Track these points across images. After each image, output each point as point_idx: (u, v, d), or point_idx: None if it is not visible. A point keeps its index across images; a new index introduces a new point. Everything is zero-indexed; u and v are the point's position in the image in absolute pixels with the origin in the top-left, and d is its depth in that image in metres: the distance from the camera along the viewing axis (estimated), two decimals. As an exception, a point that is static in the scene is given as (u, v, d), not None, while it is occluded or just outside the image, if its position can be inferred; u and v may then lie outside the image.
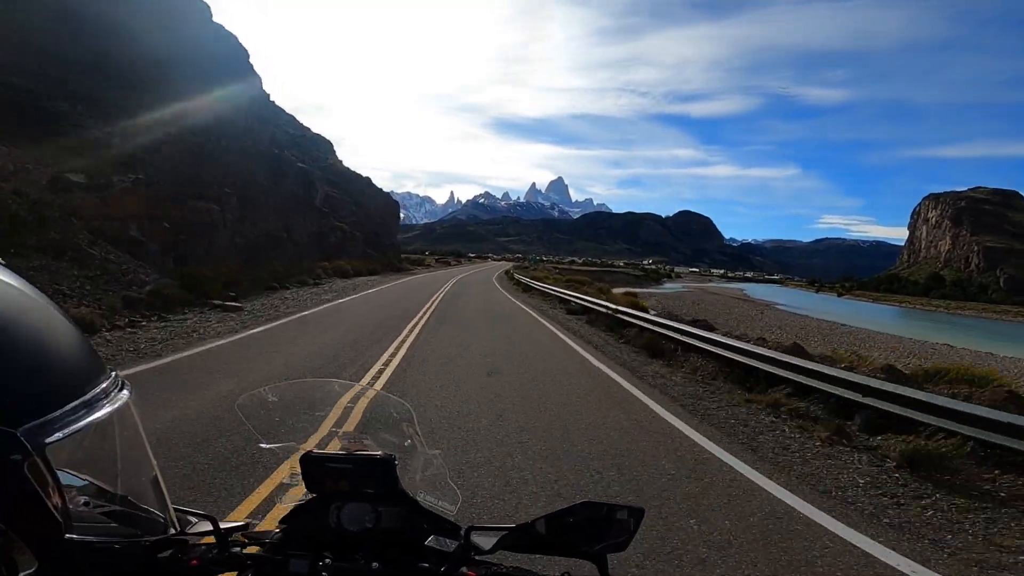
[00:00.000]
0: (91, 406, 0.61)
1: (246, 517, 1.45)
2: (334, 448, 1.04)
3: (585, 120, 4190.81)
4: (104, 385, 0.64)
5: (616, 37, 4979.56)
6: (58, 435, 0.55)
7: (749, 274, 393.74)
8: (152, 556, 0.80)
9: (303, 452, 1.00)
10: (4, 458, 0.51)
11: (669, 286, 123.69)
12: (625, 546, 0.89)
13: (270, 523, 1.10)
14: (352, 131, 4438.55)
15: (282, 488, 3.27)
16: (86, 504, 0.59)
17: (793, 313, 61.83)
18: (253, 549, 0.95)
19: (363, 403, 1.34)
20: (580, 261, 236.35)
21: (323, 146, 58.14)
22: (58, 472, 0.54)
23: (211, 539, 0.91)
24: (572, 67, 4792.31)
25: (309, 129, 60.44)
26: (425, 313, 16.54)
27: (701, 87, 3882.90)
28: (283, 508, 1.03)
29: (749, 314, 54.03)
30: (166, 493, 0.74)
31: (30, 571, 0.52)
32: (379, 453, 1.00)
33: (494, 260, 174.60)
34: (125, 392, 0.67)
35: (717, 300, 73.41)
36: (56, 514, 0.54)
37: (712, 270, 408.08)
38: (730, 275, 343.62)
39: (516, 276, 40.60)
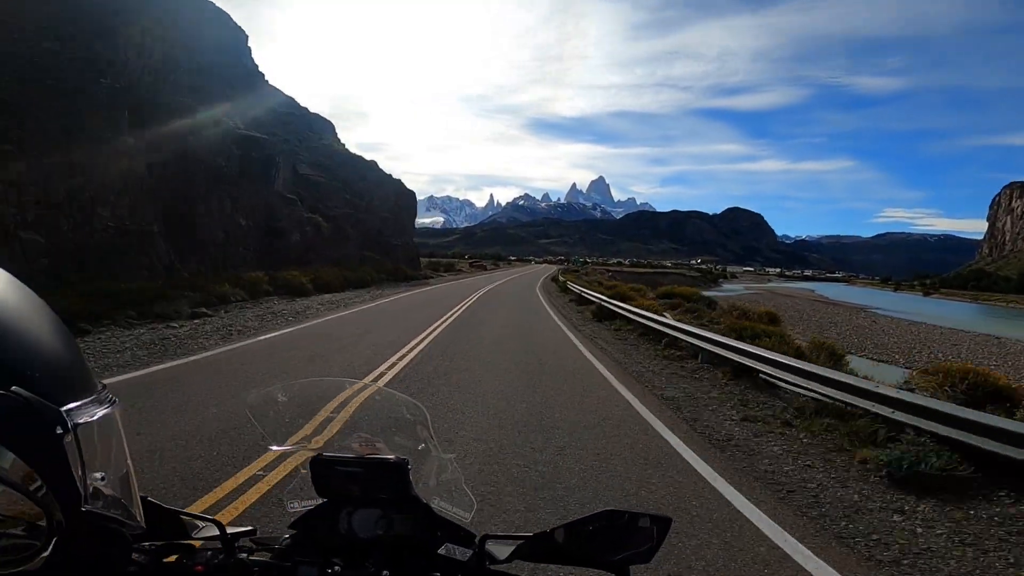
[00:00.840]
0: (102, 402, 0.67)
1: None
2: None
3: (625, 117, 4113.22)
4: (102, 386, 0.71)
5: (653, 31, 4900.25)
6: (86, 419, 0.62)
7: (808, 272, 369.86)
8: (157, 560, 0.82)
9: (313, 455, 0.96)
10: (51, 431, 0.58)
11: (728, 287, 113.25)
12: (650, 557, 0.83)
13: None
14: (392, 137, 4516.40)
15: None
16: (102, 479, 0.66)
17: (910, 320, 48.48)
18: (261, 555, 0.91)
19: (360, 398, 1.13)
20: (627, 263, 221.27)
21: (319, 125, 46.41)
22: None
23: (217, 544, 0.89)
24: (609, 64, 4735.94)
25: (307, 109, 49.11)
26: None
27: (745, 79, 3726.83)
28: (292, 512, 1.00)
29: (860, 325, 41.18)
30: (135, 490, 0.74)
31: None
32: (392, 457, 0.95)
33: (536, 263, 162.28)
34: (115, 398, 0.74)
35: (797, 304, 59.88)
36: (80, 487, 0.61)
37: (767, 269, 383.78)
38: (787, 274, 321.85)
39: (569, 286, 27.56)
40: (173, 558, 0.84)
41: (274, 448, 1.03)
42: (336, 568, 0.88)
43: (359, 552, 0.91)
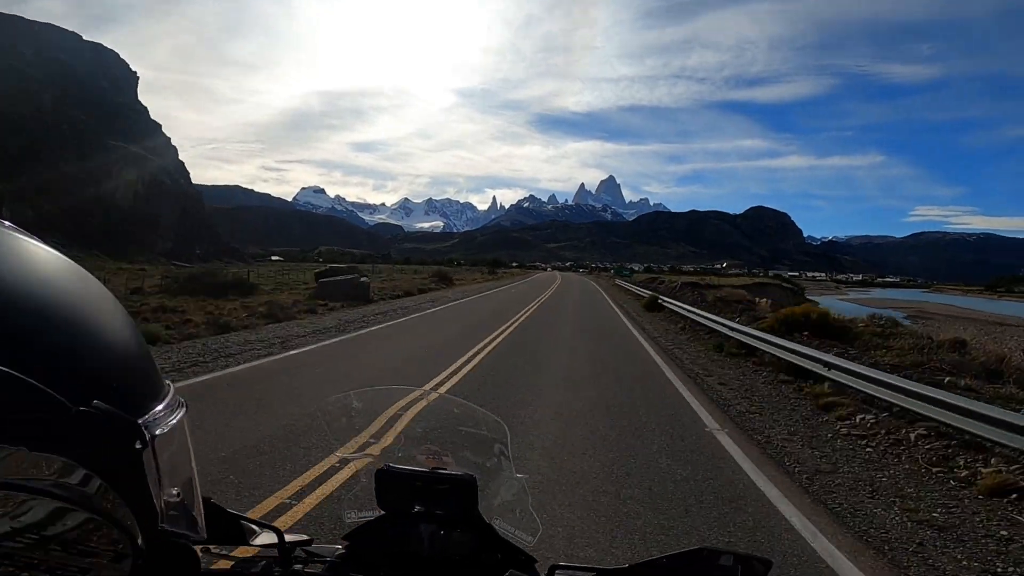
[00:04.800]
0: (172, 406, 0.61)
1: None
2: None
3: (637, 112, 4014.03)
4: (169, 386, 0.65)
5: (667, 19, 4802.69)
6: (162, 429, 0.56)
7: (856, 277, 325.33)
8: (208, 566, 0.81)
9: (380, 466, 0.94)
10: (131, 447, 0.53)
11: (838, 302, 71.37)
12: None
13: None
14: (389, 136, 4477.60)
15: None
16: (176, 495, 0.61)
17: None
18: (314, 568, 0.89)
19: (420, 407, 1.11)
20: (665, 268, 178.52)
21: None
22: None
23: (274, 553, 0.87)
24: (620, 54, 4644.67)
25: None
26: None
27: (766, 69, 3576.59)
28: (348, 523, 0.98)
29: None
30: (198, 497, 0.68)
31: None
32: (460, 472, 0.92)
33: (544, 271, 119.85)
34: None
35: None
36: (157, 504, 0.56)
37: (809, 274, 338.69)
38: (838, 278, 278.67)
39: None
40: (228, 564, 0.82)
41: (339, 455, 1.03)
42: None
43: (413, 568, 0.88)
